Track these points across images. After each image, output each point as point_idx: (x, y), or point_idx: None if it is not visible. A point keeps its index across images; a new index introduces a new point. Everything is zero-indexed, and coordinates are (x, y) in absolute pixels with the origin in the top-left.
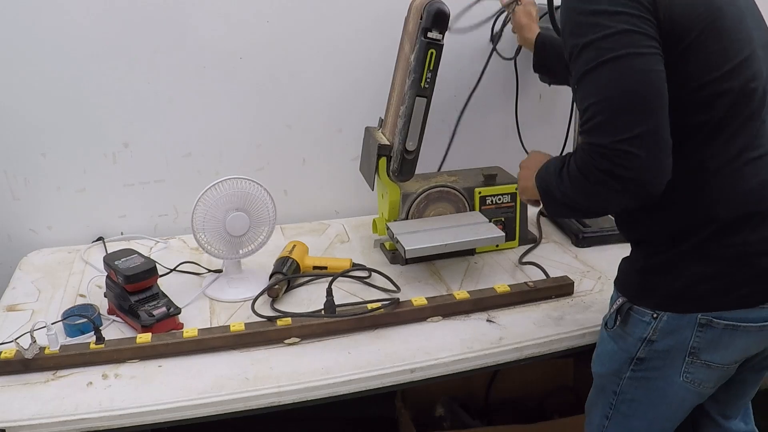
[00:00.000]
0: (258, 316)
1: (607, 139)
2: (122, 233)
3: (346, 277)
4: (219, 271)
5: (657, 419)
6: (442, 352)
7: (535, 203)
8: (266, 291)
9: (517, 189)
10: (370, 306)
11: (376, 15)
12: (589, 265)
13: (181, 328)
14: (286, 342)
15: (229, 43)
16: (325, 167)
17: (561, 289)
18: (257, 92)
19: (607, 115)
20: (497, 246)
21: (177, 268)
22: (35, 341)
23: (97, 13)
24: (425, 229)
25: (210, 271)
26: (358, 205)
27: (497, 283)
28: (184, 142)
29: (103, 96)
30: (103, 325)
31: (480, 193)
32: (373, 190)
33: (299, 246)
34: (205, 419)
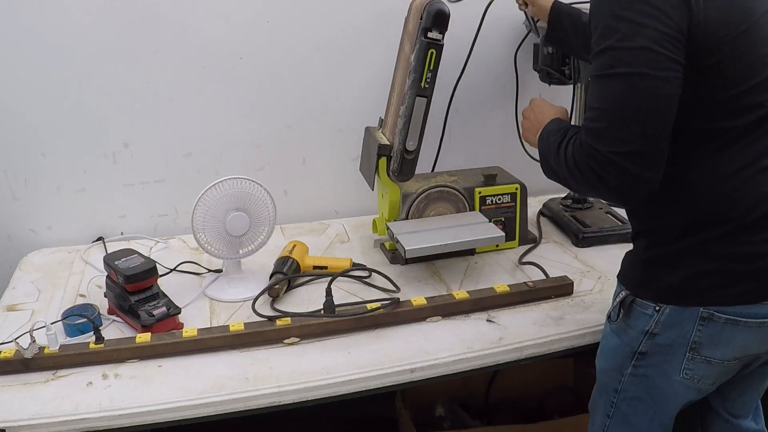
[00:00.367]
0: (258, 316)
1: (603, 147)
2: (122, 233)
3: (346, 277)
4: (219, 271)
5: (657, 417)
6: (442, 352)
7: (527, 139)
8: (267, 290)
9: (522, 113)
10: (370, 306)
11: (376, 15)
12: (589, 265)
13: (181, 328)
14: (286, 342)
15: (229, 43)
16: (325, 167)
17: (561, 289)
18: (257, 92)
19: (608, 125)
20: (497, 246)
21: (177, 268)
22: (35, 341)
23: (98, 13)
24: (425, 229)
25: (210, 271)
26: (358, 205)
27: (497, 283)
28: (184, 142)
29: (103, 96)
30: (103, 325)
31: (480, 193)
32: (373, 190)
33: (299, 246)
34: (205, 419)
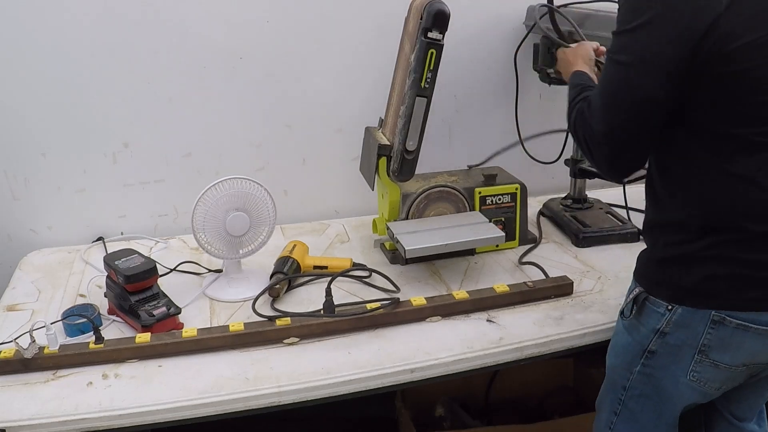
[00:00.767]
0: (258, 316)
1: (593, 122)
2: (122, 233)
3: (346, 277)
4: (219, 271)
5: (664, 415)
6: (442, 352)
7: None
8: (267, 290)
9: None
10: (370, 306)
11: (377, 15)
12: (589, 265)
13: (182, 328)
14: (285, 342)
15: (229, 43)
16: (325, 167)
17: (560, 289)
18: (257, 92)
19: (600, 104)
20: (497, 246)
21: (177, 268)
22: (34, 341)
23: (98, 14)
24: (425, 229)
25: (210, 271)
26: (358, 205)
27: (497, 283)
28: (184, 142)
29: (103, 96)
30: (103, 325)
31: (480, 193)
32: (373, 190)
33: (299, 246)
34: (205, 419)
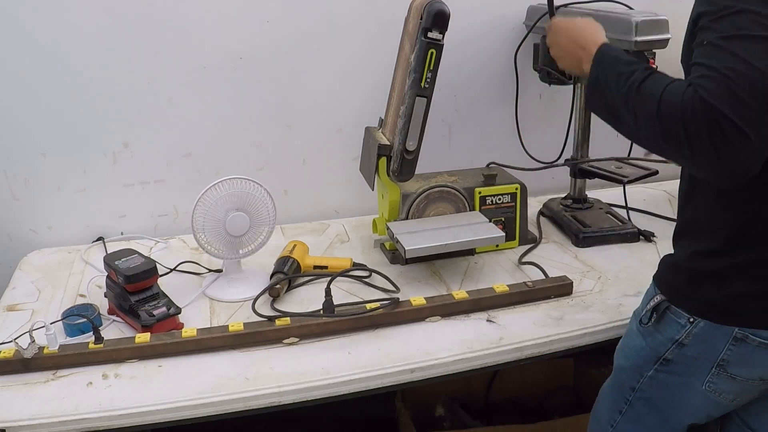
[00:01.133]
0: (258, 316)
1: (733, 114)
2: (122, 233)
3: (346, 277)
4: (219, 271)
5: (670, 420)
6: (442, 352)
7: (570, 67)
8: (267, 290)
9: (547, 43)
10: (369, 306)
11: (377, 15)
12: (589, 265)
13: (182, 328)
14: (285, 342)
15: (229, 43)
16: (325, 167)
17: (560, 289)
18: (257, 92)
19: (748, 89)
20: (497, 246)
21: (177, 268)
22: (34, 341)
23: (97, 14)
24: (425, 229)
25: (210, 271)
26: (358, 205)
27: (497, 283)
28: (184, 142)
29: (103, 96)
30: (103, 325)
31: (480, 193)
32: (373, 190)
33: (300, 246)
34: (205, 419)
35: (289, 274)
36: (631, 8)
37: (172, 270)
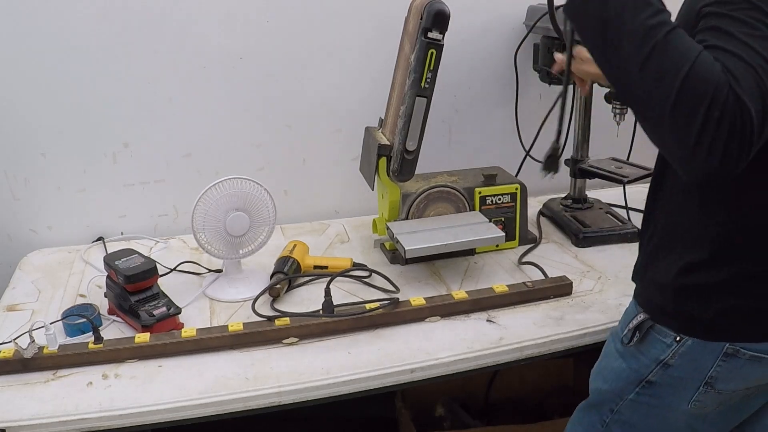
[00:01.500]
0: (258, 316)
1: (757, 116)
2: (122, 233)
3: (346, 277)
4: (219, 271)
5: None
6: (442, 352)
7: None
8: (267, 290)
9: None
10: (369, 306)
11: (377, 15)
12: (589, 265)
13: (182, 328)
14: (285, 342)
15: (229, 43)
16: (325, 167)
17: (559, 289)
18: (257, 92)
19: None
20: (497, 246)
21: (177, 268)
22: (34, 341)
23: (97, 13)
24: (425, 229)
25: (210, 271)
26: (358, 205)
27: (497, 283)
28: (184, 142)
29: (103, 96)
30: (102, 325)
31: (480, 193)
32: (373, 190)
33: (300, 246)
34: (205, 419)
35: (289, 274)
36: None
37: (172, 270)
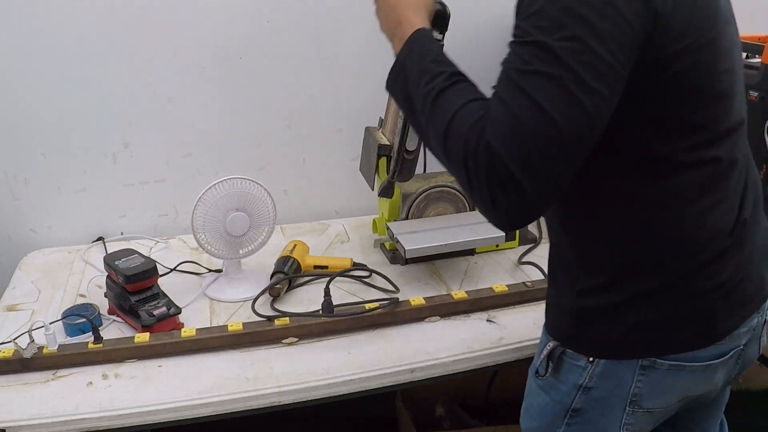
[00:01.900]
0: (258, 316)
1: (503, 150)
2: (122, 233)
3: (346, 277)
4: (219, 271)
5: None
6: (442, 352)
7: (387, 35)
8: (268, 290)
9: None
10: (369, 306)
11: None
12: None
13: (182, 328)
14: (284, 342)
15: (229, 43)
16: (325, 167)
17: None
18: (257, 92)
19: (522, 132)
20: (497, 246)
21: (177, 268)
22: (33, 341)
23: (97, 13)
24: (425, 229)
25: (210, 271)
26: (358, 205)
27: (497, 283)
28: (184, 142)
29: (103, 96)
30: (102, 325)
31: None
32: (373, 190)
33: (300, 245)
34: (205, 419)
35: (289, 273)
36: None
37: (172, 270)
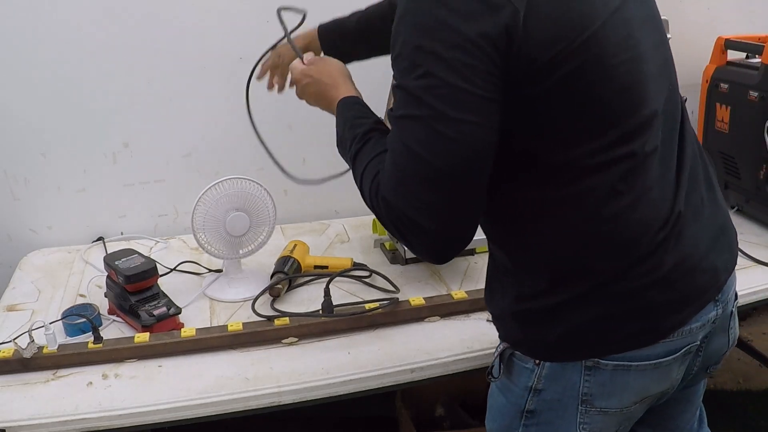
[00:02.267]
0: (258, 316)
1: (400, 203)
2: (122, 233)
3: (346, 277)
4: (219, 271)
5: None
6: (442, 352)
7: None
8: (268, 290)
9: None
10: (369, 306)
11: None
12: None
13: (182, 328)
14: (284, 342)
15: (229, 43)
16: (325, 167)
17: None
18: (257, 92)
19: (403, 176)
20: None
21: (177, 268)
22: (33, 340)
23: (97, 13)
24: None
25: (210, 271)
26: (358, 205)
27: None
28: (184, 142)
29: (103, 96)
30: (102, 325)
31: None
32: None
33: (300, 245)
34: (205, 419)
35: (289, 273)
36: None
37: (172, 270)
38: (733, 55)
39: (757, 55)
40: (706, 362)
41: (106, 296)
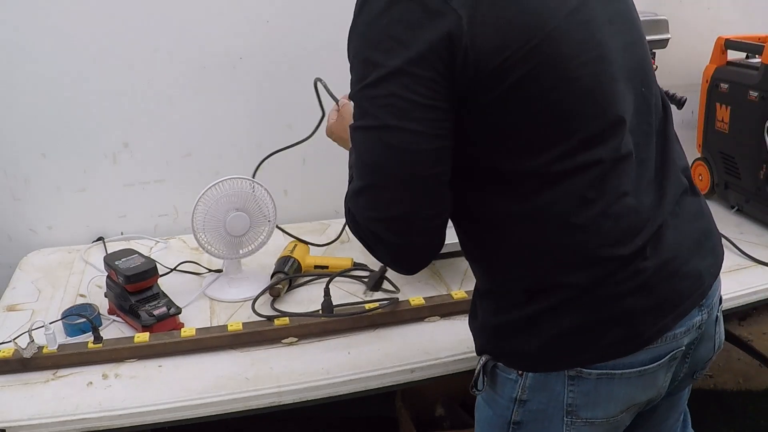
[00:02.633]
0: (258, 316)
1: (361, 213)
2: (122, 233)
3: (346, 277)
4: (219, 271)
5: None
6: (442, 352)
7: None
8: (268, 290)
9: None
10: (369, 306)
11: None
12: None
13: (182, 328)
14: (284, 342)
15: (229, 43)
16: (325, 167)
17: None
18: (257, 92)
19: (361, 187)
20: None
21: (177, 268)
22: (33, 340)
23: (98, 13)
24: None
25: (210, 271)
26: None
27: None
28: (184, 142)
29: (103, 96)
30: (102, 325)
31: None
32: None
33: (300, 246)
34: (205, 419)
35: (289, 273)
36: None
37: (172, 270)
38: (733, 55)
39: (757, 55)
40: (693, 368)
41: (106, 296)
